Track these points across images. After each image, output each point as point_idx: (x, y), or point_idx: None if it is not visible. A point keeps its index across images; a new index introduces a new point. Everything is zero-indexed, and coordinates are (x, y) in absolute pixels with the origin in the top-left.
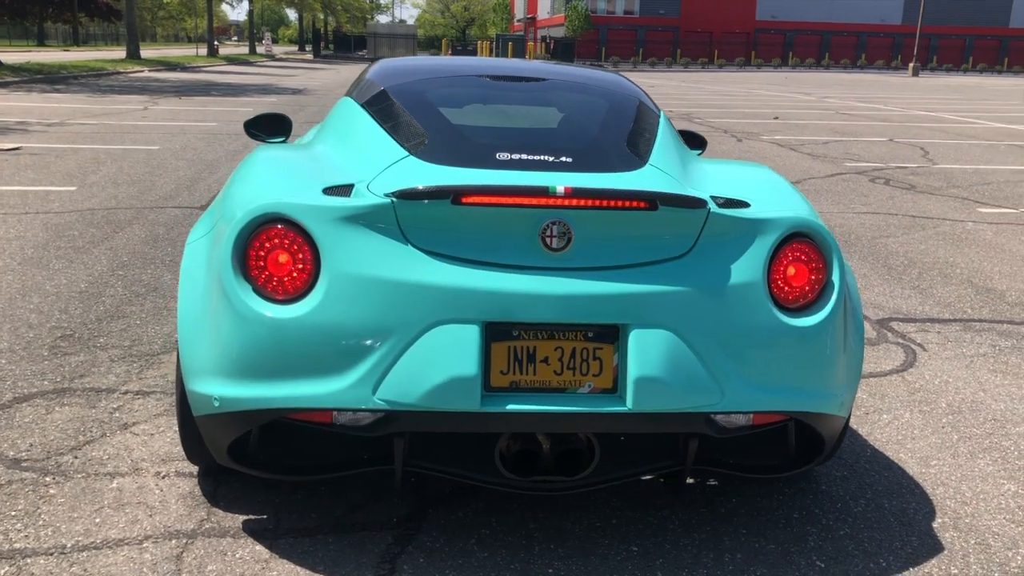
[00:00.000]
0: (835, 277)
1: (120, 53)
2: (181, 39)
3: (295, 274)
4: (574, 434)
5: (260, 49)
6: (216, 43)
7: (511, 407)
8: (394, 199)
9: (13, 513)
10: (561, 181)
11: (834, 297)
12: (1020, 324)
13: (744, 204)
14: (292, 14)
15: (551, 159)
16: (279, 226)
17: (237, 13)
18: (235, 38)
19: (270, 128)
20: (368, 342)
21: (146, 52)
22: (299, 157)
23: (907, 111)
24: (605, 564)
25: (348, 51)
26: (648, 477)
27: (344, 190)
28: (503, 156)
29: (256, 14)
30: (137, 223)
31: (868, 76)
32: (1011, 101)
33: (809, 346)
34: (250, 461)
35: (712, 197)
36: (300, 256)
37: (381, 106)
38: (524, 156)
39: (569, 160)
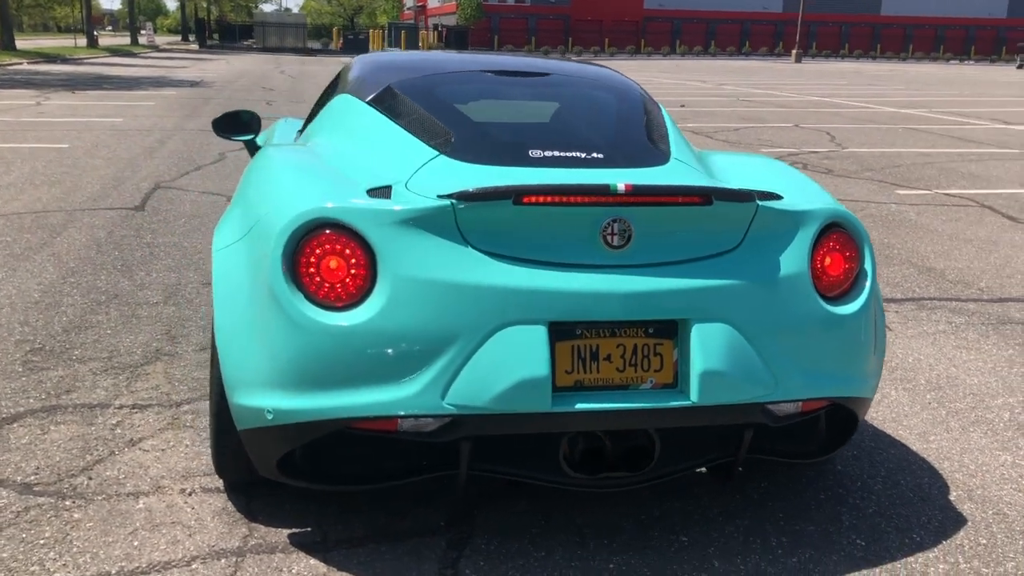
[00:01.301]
0: (867, 265)
1: None
2: (51, 28)
3: (348, 280)
4: (636, 430)
5: (142, 39)
6: (95, 33)
7: (579, 406)
8: (454, 201)
9: (42, 541)
10: (615, 178)
11: (868, 284)
12: (966, 301)
13: (777, 196)
14: (171, 3)
15: (583, 155)
16: (327, 231)
17: (111, 1)
18: (109, 28)
19: (238, 126)
20: (435, 346)
21: (18, 42)
22: (315, 158)
23: (802, 97)
24: (662, 557)
25: (234, 41)
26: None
27: (383, 191)
28: (536, 153)
29: (133, 3)
30: (73, 227)
31: (754, 63)
32: (892, 85)
33: (850, 333)
34: (299, 473)
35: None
36: (353, 261)
37: (391, 103)
38: (556, 153)
39: (600, 156)
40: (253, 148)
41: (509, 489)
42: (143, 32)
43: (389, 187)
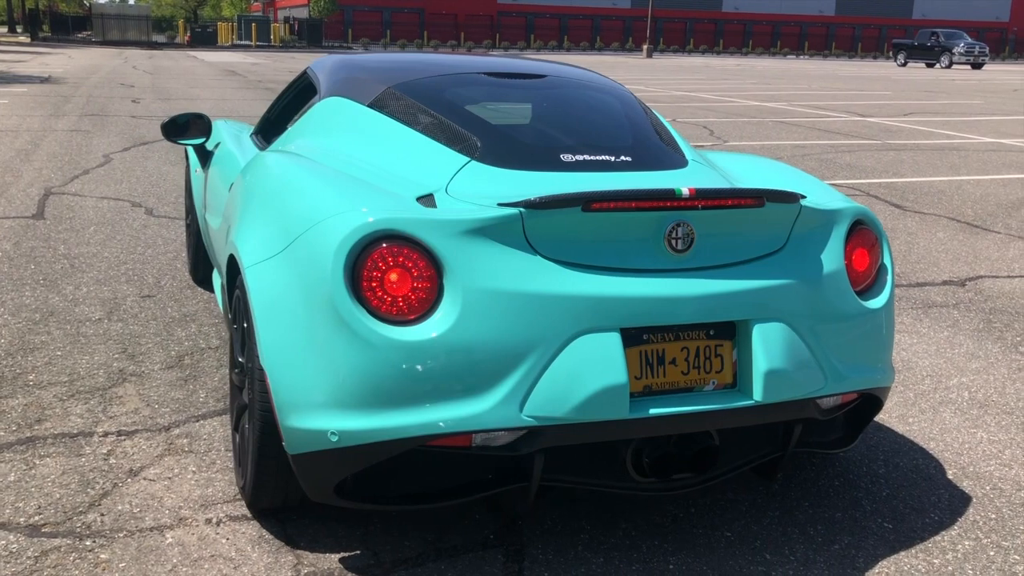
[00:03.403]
0: (887, 260)
1: None
2: None
3: (411, 294)
4: (699, 431)
5: None
6: None
7: (653, 411)
8: (522, 209)
9: None
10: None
11: (889, 278)
12: None
13: (802, 196)
14: None
15: (612, 159)
16: (386, 243)
17: None
18: None
19: (190, 130)
20: (511, 358)
21: None
22: (327, 164)
23: (668, 91)
24: (713, 553)
25: (67, 33)
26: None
27: (427, 200)
28: (567, 157)
29: None
30: None
31: (608, 58)
32: (745, 79)
33: (879, 325)
34: (358, 496)
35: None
36: (416, 273)
37: (395, 107)
38: (586, 157)
39: (629, 159)
40: (203, 153)
41: (538, 498)
42: None
43: (431, 195)
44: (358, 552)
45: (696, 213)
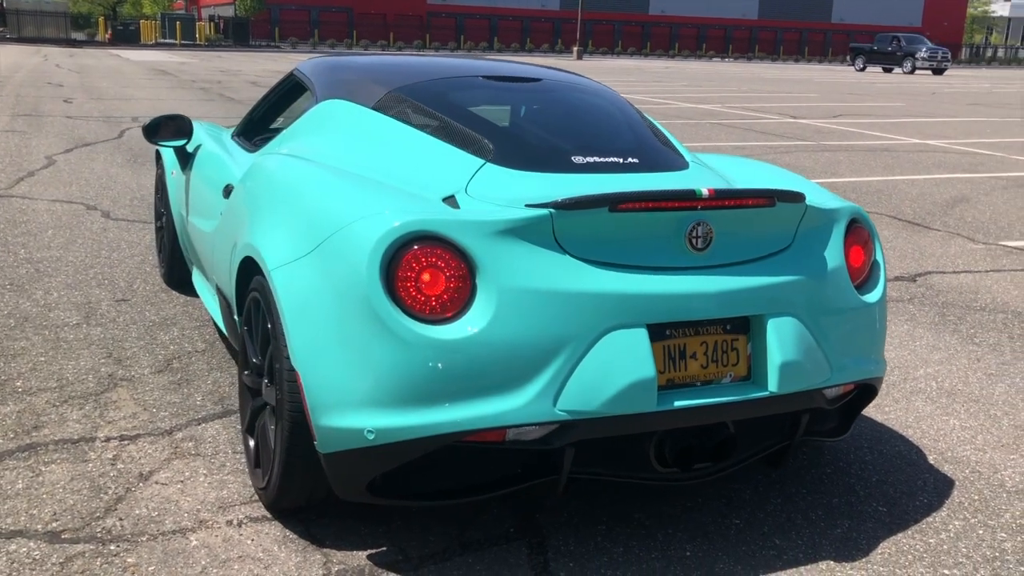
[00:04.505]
0: (879, 256)
1: None
2: None
3: (444, 293)
4: (716, 423)
5: None
6: None
7: (677, 404)
8: (552, 210)
9: None
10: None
11: (882, 273)
12: None
13: (804, 196)
14: None
15: (620, 160)
16: (418, 244)
17: None
18: None
19: (173, 132)
20: (544, 354)
21: None
22: (340, 167)
23: None
24: (725, 539)
25: None
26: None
27: (450, 201)
28: (577, 159)
29: None
30: None
31: (539, 59)
32: (677, 82)
33: (875, 318)
34: (390, 492)
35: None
36: (448, 273)
37: (400, 109)
38: (596, 159)
39: (636, 161)
40: (183, 155)
41: (542, 489)
42: None
43: (452, 196)
44: (384, 548)
45: (714, 213)
